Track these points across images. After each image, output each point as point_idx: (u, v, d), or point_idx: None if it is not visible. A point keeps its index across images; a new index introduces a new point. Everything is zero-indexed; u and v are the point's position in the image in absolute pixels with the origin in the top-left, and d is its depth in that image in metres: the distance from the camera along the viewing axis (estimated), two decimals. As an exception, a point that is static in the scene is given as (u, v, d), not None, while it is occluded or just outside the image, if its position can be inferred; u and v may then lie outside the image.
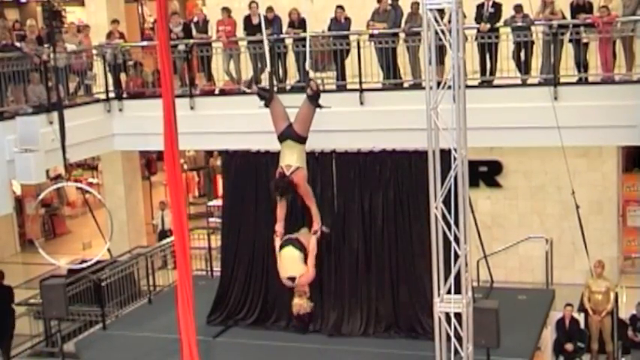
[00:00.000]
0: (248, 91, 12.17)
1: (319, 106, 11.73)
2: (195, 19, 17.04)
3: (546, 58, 14.31)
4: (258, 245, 13.48)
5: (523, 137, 14.45)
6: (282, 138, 11.62)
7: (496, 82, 14.80)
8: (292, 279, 11.63)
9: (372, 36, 15.28)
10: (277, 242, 11.83)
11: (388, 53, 15.15)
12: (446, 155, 9.53)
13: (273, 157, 12.23)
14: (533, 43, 14.51)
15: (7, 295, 15.63)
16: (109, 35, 17.67)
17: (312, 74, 15.88)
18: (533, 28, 14.47)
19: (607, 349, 14.99)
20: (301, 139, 11.58)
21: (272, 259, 12.92)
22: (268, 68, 12.36)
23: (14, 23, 20.66)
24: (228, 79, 16.77)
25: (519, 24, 14.52)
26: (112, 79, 17.06)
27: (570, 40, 14.26)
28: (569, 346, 14.55)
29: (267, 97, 11.83)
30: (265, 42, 12.38)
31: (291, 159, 11.42)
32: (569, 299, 15.07)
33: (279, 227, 11.96)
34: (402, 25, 15.33)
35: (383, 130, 14.50)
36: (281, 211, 11.80)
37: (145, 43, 18.04)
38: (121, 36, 17.95)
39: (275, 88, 15.48)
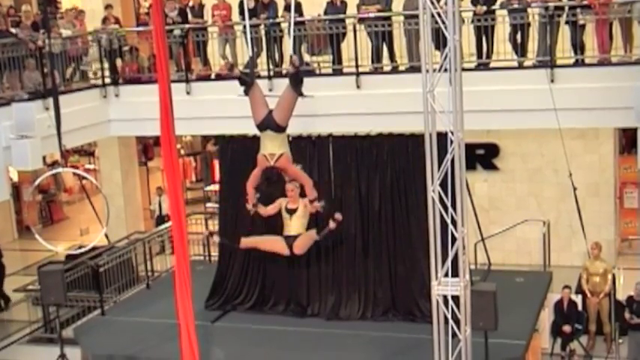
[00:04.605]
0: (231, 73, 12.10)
1: (302, 95, 11.67)
2: (191, 4, 16.99)
3: (542, 40, 14.27)
4: (256, 230, 13.48)
5: (520, 120, 14.44)
6: (261, 127, 11.54)
7: (492, 64, 14.77)
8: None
9: (361, 20, 15.18)
10: (262, 208, 11.86)
11: (384, 36, 15.10)
12: (443, 138, 9.51)
13: (260, 143, 12.18)
14: (529, 25, 14.48)
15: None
16: (104, 21, 17.62)
17: (307, 58, 15.94)
18: (529, 10, 14.43)
19: (605, 330, 15.04)
20: (281, 129, 11.51)
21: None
22: (250, 53, 12.23)
23: (9, 9, 20.58)
24: (224, 63, 16.73)
25: (515, 6, 14.47)
26: (107, 65, 17.00)
27: (567, 22, 14.21)
28: (566, 328, 14.60)
29: (248, 82, 11.74)
30: (247, 28, 12.31)
31: (274, 147, 11.39)
32: (566, 281, 15.11)
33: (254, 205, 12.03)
34: (395, 7, 15.26)
35: (380, 114, 14.48)
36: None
37: (140, 28, 17.97)
38: (116, 21, 17.89)
39: (272, 72, 15.53)
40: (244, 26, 15.76)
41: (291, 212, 11.54)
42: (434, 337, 9.80)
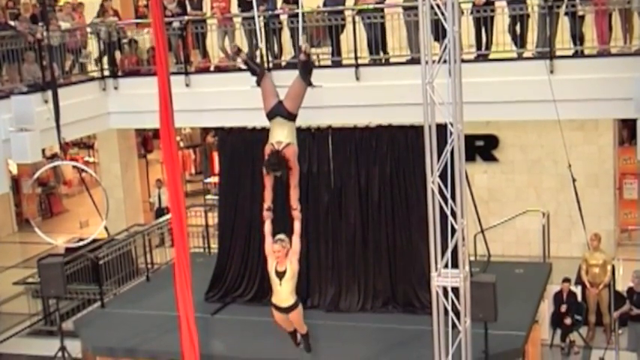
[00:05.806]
0: (238, 59, 11.89)
1: (311, 85, 11.62)
2: (190, -4, 16.96)
3: (542, 31, 14.26)
4: (255, 222, 13.41)
5: (519, 111, 14.43)
6: (271, 115, 11.44)
7: (492, 56, 14.75)
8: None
9: (359, 12, 15.14)
10: (268, 225, 11.36)
11: (383, 28, 15.07)
12: (442, 130, 9.50)
13: (269, 133, 12.18)
14: (528, 16, 14.46)
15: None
16: (103, 13, 17.58)
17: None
18: (528, 1, 14.42)
19: (604, 321, 15.06)
20: (291, 117, 11.41)
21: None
22: (262, 45, 12.17)
23: (7, 1, 20.56)
24: (223, 55, 16.71)
25: (515, -3, 14.48)
26: (106, 57, 16.97)
27: (566, 13, 14.20)
28: (563, 307, 14.61)
29: (257, 71, 11.68)
30: (257, 18, 12.28)
31: (282, 135, 11.27)
32: (566, 272, 15.13)
33: (268, 208, 11.54)
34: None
35: (379, 106, 14.47)
36: (268, 191, 11.63)
37: (139, 20, 17.93)
38: (115, 13, 17.85)
39: (271, 64, 15.50)
40: (244, 18, 15.83)
41: (281, 276, 11.20)
42: (434, 329, 9.80)
